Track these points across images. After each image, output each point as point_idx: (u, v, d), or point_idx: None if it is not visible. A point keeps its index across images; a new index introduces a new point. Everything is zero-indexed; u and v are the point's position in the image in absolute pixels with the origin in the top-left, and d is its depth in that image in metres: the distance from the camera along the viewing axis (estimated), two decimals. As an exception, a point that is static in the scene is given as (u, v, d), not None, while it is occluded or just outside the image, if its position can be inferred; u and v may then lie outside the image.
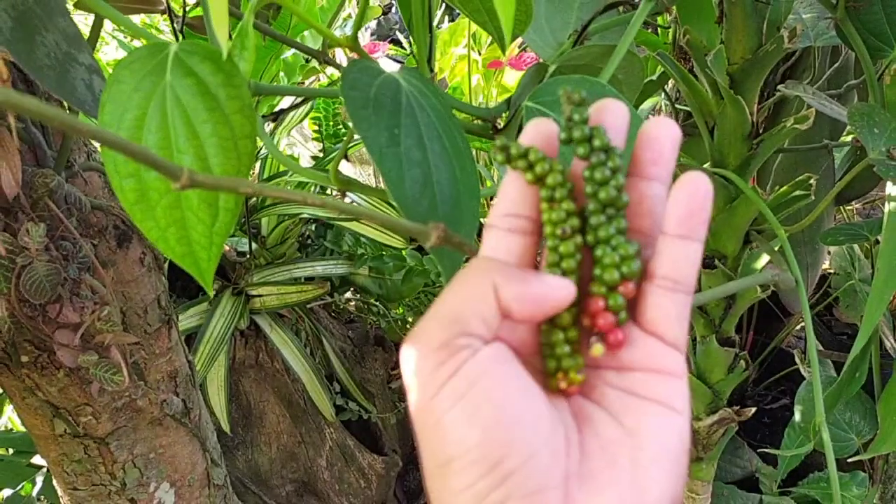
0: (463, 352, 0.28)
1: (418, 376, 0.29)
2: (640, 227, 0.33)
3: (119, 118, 0.38)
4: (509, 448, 0.27)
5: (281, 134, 1.50)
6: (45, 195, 0.61)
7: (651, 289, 0.31)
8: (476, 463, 0.27)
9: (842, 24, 0.65)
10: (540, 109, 0.46)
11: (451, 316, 0.29)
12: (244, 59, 0.38)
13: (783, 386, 1.62)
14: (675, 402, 0.30)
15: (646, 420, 0.30)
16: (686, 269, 0.31)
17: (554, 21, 0.56)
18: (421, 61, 0.48)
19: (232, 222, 0.39)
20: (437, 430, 0.28)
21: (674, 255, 0.31)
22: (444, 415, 0.28)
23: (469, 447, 0.27)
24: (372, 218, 0.33)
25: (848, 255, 1.35)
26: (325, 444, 1.43)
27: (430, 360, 0.29)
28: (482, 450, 0.27)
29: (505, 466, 0.27)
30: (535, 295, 0.30)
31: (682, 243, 0.31)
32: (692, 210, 0.30)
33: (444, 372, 0.28)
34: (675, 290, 0.31)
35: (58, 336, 0.66)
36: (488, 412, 0.28)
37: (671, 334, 0.31)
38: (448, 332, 0.29)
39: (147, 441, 0.83)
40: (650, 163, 0.32)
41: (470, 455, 0.27)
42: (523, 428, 0.28)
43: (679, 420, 0.30)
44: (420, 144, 0.40)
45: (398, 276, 1.50)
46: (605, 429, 0.30)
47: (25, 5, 0.42)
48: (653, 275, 0.31)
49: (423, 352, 0.29)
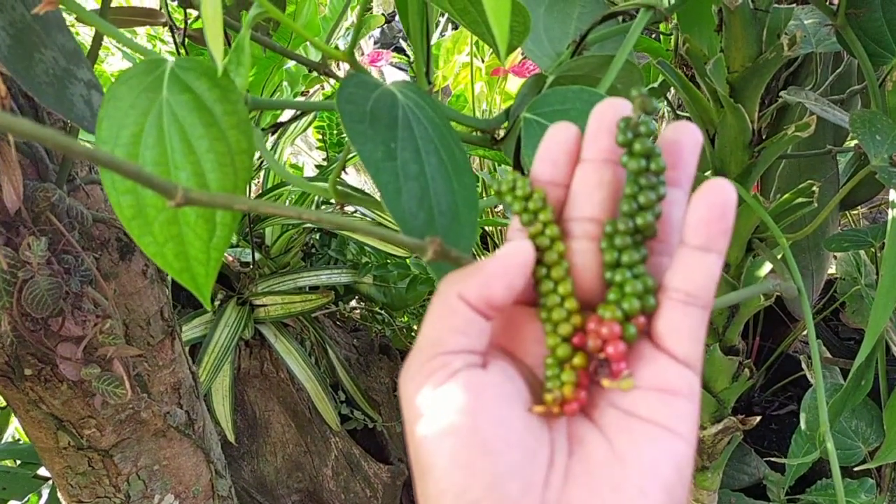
0: (439, 373, 0.28)
1: (403, 403, 0.29)
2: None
3: (116, 134, 0.38)
4: (472, 478, 0.27)
5: (285, 143, 1.51)
6: (46, 209, 0.61)
7: (663, 301, 0.30)
8: (445, 492, 0.27)
9: (842, 30, 0.65)
10: (538, 121, 0.46)
11: (429, 340, 0.29)
12: (240, 74, 0.38)
13: (790, 392, 1.61)
14: (677, 425, 0.29)
15: (639, 445, 0.28)
16: (702, 281, 0.29)
17: (552, 31, 0.56)
18: (419, 74, 0.48)
19: (229, 237, 0.39)
20: (417, 459, 0.28)
21: (689, 267, 0.29)
22: (421, 443, 0.28)
23: (438, 476, 0.27)
24: (368, 232, 0.33)
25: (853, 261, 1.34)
26: (331, 454, 1.42)
27: (410, 386, 0.29)
28: (449, 478, 0.27)
29: (468, 496, 0.27)
30: (497, 271, 0.29)
31: (699, 254, 0.29)
32: (711, 219, 0.29)
33: (423, 398, 0.28)
34: (688, 304, 0.29)
35: (60, 349, 0.66)
36: (454, 441, 0.27)
37: (682, 350, 0.29)
38: (424, 355, 0.29)
39: (151, 453, 0.83)
40: (669, 167, 0.30)
41: (439, 484, 0.27)
42: (490, 457, 0.27)
43: (679, 446, 0.28)
44: (417, 158, 0.40)
45: (402, 285, 1.50)
46: (594, 451, 0.29)
47: (24, 22, 0.43)
48: (666, 286, 0.30)
49: (404, 379, 0.29)
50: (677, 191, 0.31)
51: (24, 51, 0.42)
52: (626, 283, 0.29)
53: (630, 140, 0.29)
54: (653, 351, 0.30)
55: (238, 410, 1.36)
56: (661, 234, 0.31)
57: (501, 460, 0.27)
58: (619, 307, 0.29)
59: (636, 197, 0.29)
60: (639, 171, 0.29)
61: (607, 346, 0.29)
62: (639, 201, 0.29)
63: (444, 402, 0.28)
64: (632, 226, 0.30)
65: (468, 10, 0.51)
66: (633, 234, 0.30)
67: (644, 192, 0.29)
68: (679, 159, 0.30)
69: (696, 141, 0.31)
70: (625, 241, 0.30)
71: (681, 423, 0.29)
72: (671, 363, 0.29)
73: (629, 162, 0.29)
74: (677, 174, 0.31)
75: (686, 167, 0.31)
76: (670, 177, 0.31)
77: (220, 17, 0.32)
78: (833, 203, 0.71)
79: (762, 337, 1.59)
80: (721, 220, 0.29)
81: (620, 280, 0.30)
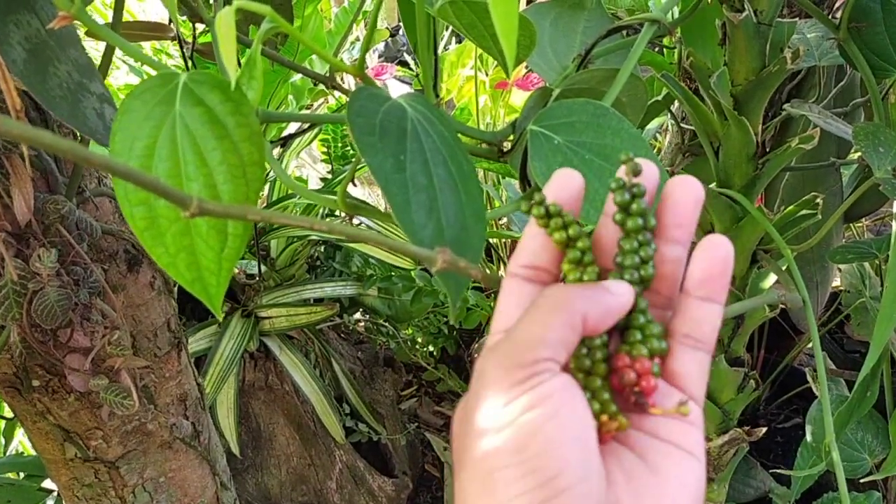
0: (544, 374, 0.29)
1: (490, 389, 0.30)
2: (658, 288, 0.34)
3: (130, 147, 0.38)
4: (566, 465, 0.28)
5: (290, 157, 1.51)
6: (56, 221, 0.61)
7: (673, 345, 0.33)
8: (533, 472, 0.28)
9: (845, 44, 0.65)
10: (545, 133, 0.47)
11: (534, 340, 0.30)
12: (252, 88, 0.38)
13: (795, 405, 1.61)
14: (693, 448, 0.32)
15: (667, 461, 0.31)
16: (707, 329, 0.32)
17: (558, 45, 0.57)
18: (427, 87, 0.49)
19: (241, 248, 0.40)
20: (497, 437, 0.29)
21: (695, 316, 0.32)
22: (512, 423, 0.29)
23: (529, 456, 0.28)
24: (378, 243, 0.34)
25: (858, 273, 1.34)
26: (335, 467, 1.42)
27: (511, 377, 0.29)
28: (541, 460, 0.28)
29: (559, 482, 0.28)
30: (614, 307, 0.31)
31: (703, 304, 0.32)
32: (713, 274, 0.32)
33: (521, 388, 0.29)
34: (696, 349, 0.32)
35: (68, 360, 0.66)
36: (554, 429, 0.28)
37: (692, 389, 0.32)
38: (532, 354, 0.29)
39: (157, 465, 0.83)
40: (674, 226, 0.33)
41: (528, 464, 0.28)
42: (581, 451, 0.29)
43: (697, 465, 0.31)
44: (425, 170, 0.40)
45: (407, 297, 1.50)
46: (630, 465, 0.31)
47: (39, 37, 0.43)
48: (674, 332, 0.33)
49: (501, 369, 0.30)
50: (679, 248, 0.33)
51: (39, 65, 0.42)
52: (646, 327, 0.32)
53: (628, 201, 0.32)
54: (667, 387, 0.33)
55: (243, 423, 1.36)
56: (664, 290, 0.34)
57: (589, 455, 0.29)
58: (645, 346, 0.32)
59: (637, 252, 0.32)
60: (637, 230, 0.32)
61: (641, 380, 0.32)
62: (640, 255, 0.32)
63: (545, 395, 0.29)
64: (637, 277, 0.32)
65: (475, 24, 0.52)
66: (639, 283, 0.33)
67: (644, 248, 0.32)
68: (683, 219, 0.33)
69: (699, 198, 0.33)
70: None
71: (695, 447, 0.32)
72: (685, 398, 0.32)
73: (627, 220, 0.32)
74: (681, 233, 0.33)
75: (689, 226, 0.33)
76: (674, 235, 0.33)
77: (233, 33, 0.32)
78: (836, 215, 0.71)
79: (767, 349, 1.59)
80: (722, 275, 0.32)
81: (639, 324, 0.32)
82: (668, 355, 0.33)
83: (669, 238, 0.33)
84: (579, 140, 0.46)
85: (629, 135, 0.46)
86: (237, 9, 0.33)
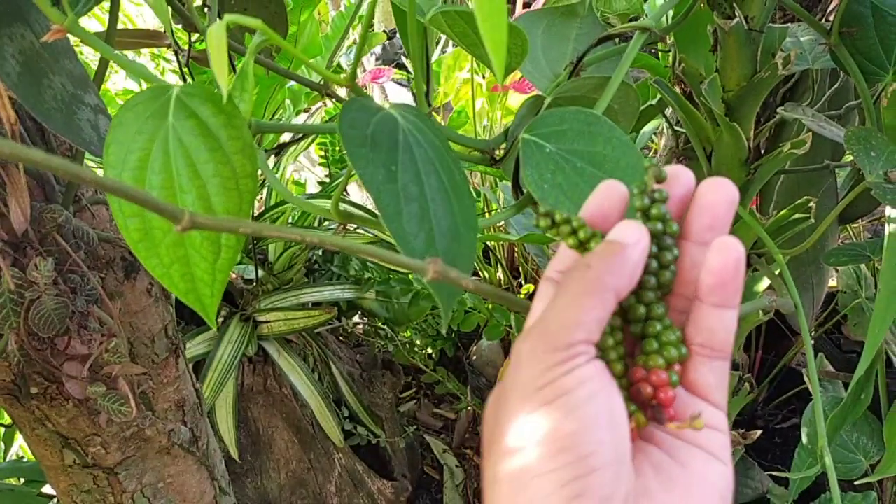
0: (581, 357, 0.29)
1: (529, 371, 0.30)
2: (683, 292, 0.33)
3: (123, 159, 0.39)
4: (599, 446, 0.28)
5: (287, 161, 1.52)
6: (53, 230, 0.62)
7: (691, 354, 0.32)
8: (566, 451, 0.28)
9: (836, 49, 0.65)
10: (536, 141, 0.47)
11: (570, 323, 0.30)
12: (244, 100, 0.39)
13: (794, 405, 1.61)
14: (720, 452, 0.31)
15: (696, 460, 0.31)
16: (723, 336, 0.32)
17: (550, 53, 0.57)
18: (419, 96, 0.49)
19: (234, 258, 0.40)
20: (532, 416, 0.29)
21: (709, 324, 0.32)
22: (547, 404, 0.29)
23: (564, 434, 0.28)
24: (369, 254, 0.34)
25: (854, 274, 1.35)
26: (334, 470, 1.42)
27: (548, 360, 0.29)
28: (575, 438, 0.28)
29: (591, 462, 0.28)
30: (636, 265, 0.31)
31: (716, 311, 0.31)
32: (725, 279, 0.31)
33: (559, 370, 0.29)
34: (713, 357, 0.32)
35: (66, 368, 0.67)
36: (589, 411, 0.28)
37: (714, 397, 0.32)
38: (568, 337, 0.29)
39: (155, 470, 0.83)
40: (707, 229, 0.32)
41: (562, 442, 0.28)
42: (614, 435, 0.29)
43: (724, 469, 0.31)
44: (417, 180, 0.41)
45: (405, 300, 1.50)
46: (658, 459, 0.31)
47: (33, 50, 0.44)
48: (689, 342, 0.32)
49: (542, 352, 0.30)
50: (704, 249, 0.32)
51: (33, 78, 0.43)
52: (662, 334, 0.32)
53: (648, 206, 0.32)
54: (689, 396, 0.33)
55: (241, 427, 1.36)
56: (688, 294, 0.33)
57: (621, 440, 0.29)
58: (661, 356, 0.32)
59: (657, 257, 0.32)
60: (657, 234, 0.32)
61: (658, 392, 0.31)
62: (660, 261, 0.32)
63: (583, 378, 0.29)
64: (655, 283, 0.32)
65: (467, 33, 0.52)
66: (656, 289, 0.32)
67: (663, 253, 0.32)
68: (717, 221, 0.32)
69: (733, 200, 0.32)
70: (650, 297, 0.32)
71: (722, 452, 0.32)
72: (706, 405, 0.32)
73: (647, 225, 0.32)
74: (714, 235, 0.32)
75: (723, 229, 0.32)
76: (706, 238, 0.32)
77: (224, 48, 0.33)
78: (831, 217, 0.71)
79: (765, 350, 1.59)
80: (735, 279, 0.31)
81: (655, 332, 0.32)
82: (685, 366, 0.32)
83: (701, 241, 0.32)
84: (571, 148, 0.47)
85: (620, 142, 0.47)
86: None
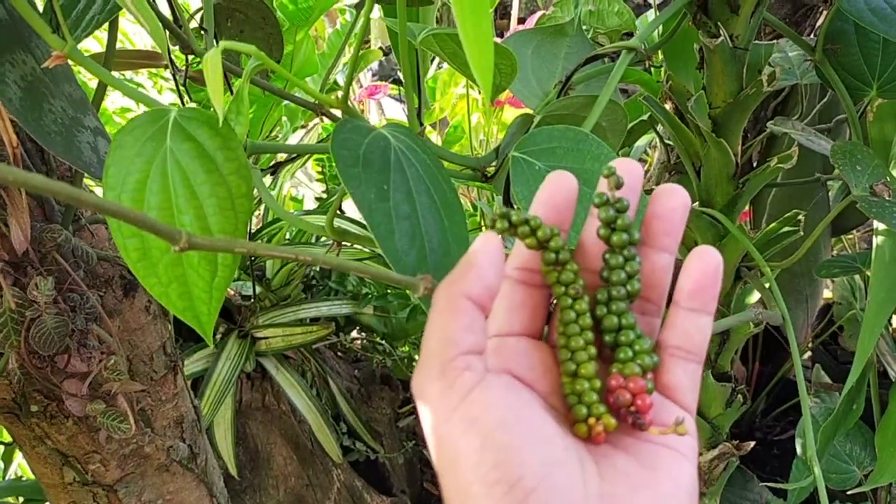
0: (466, 373, 0.29)
1: (429, 405, 0.30)
2: (649, 296, 0.34)
3: (122, 181, 0.40)
4: (524, 468, 0.28)
5: (285, 177, 1.53)
6: (53, 250, 0.63)
7: (665, 357, 0.33)
8: (497, 483, 0.28)
9: (821, 65, 0.67)
10: (526, 159, 0.48)
11: (442, 343, 0.30)
12: (240, 123, 0.40)
13: (791, 417, 1.61)
14: (686, 451, 0.32)
15: (660, 460, 0.31)
16: (698, 340, 0.33)
17: (540, 72, 0.59)
18: (411, 116, 0.50)
19: (230, 277, 0.41)
20: (454, 456, 0.29)
21: (686, 328, 0.33)
22: (458, 440, 0.29)
23: (487, 469, 0.28)
24: (362, 271, 0.35)
25: (849, 285, 1.36)
26: (333, 486, 1.43)
27: (436, 386, 0.29)
28: (499, 471, 0.28)
29: (524, 485, 0.28)
30: (486, 261, 0.30)
31: (693, 316, 0.33)
32: (704, 285, 0.32)
33: (453, 397, 0.29)
34: (688, 360, 0.33)
35: (66, 386, 0.67)
36: (501, 435, 0.29)
37: (685, 400, 0.33)
38: (443, 355, 0.30)
39: (155, 487, 0.84)
40: (663, 234, 0.33)
41: (489, 477, 0.28)
42: (536, 449, 0.29)
43: (689, 465, 0.32)
44: (409, 198, 0.42)
45: (403, 315, 1.51)
46: (622, 463, 0.32)
47: (34, 75, 0.45)
48: (665, 344, 0.33)
49: (428, 380, 0.30)
50: (668, 256, 0.34)
51: (34, 102, 0.44)
52: (636, 343, 0.33)
53: (612, 217, 0.32)
54: (660, 398, 0.33)
55: (240, 444, 1.36)
56: (654, 298, 0.34)
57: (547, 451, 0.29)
58: (637, 363, 0.32)
59: (623, 267, 0.33)
60: (622, 245, 0.32)
61: (636, 399, 0.32)
62: (626, 271, 0.33)
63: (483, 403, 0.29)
64: (624, 292, 0.33)
65: (458, 53, 0.54)
66: (625, 299, 0.33)
67: (629, 263, 0.33)
68: (672, 227, 0.33)
69: (686, 206, 0.33)
70: (620, 307, 0.33)
71: (687, 449, 0.32)
72: (674, 406, 0.33)
73: (612, 236, 0.32)
74: (669, 241, 0.33)
75: (678, 234, 0.33)
76: (663, 243, 0.33)
77: (220, 73, 0.34)
78: (819, 229, 0.72)
79: (762, 362, 1.59)
80: (712, 286, 0.32)
81: (628, 341, 0.33)
82: (659, 368, 0.33)
83: (658, 246, 0.33)
84: (560, 166, 0.48)
85: (609, 159, 0.48)
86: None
